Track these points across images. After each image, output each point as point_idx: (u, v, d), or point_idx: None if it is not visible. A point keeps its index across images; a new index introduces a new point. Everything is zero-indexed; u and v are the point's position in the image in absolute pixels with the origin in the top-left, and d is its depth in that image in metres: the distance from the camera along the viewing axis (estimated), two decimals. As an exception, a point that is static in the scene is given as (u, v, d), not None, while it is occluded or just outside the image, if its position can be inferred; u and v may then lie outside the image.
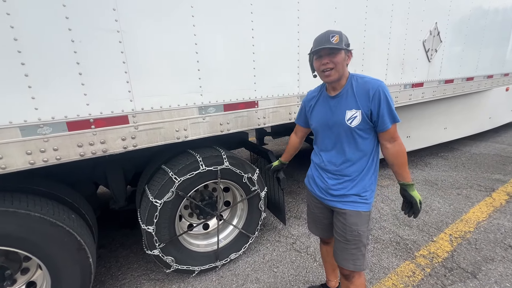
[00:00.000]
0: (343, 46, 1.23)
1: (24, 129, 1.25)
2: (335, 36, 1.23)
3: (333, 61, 1.26)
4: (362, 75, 1.34)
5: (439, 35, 3.27)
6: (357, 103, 1.28)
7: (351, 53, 1.30)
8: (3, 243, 1.36)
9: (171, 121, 1.65)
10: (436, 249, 2.32)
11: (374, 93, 1.25)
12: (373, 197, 1.41)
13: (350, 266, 1.41)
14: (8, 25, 1.14)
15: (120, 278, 2.11)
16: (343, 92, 1.32)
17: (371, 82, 1.28)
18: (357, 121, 1.29)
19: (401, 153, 1.31)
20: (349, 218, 1.37)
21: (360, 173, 1.35)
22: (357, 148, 1.33)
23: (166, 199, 1.77)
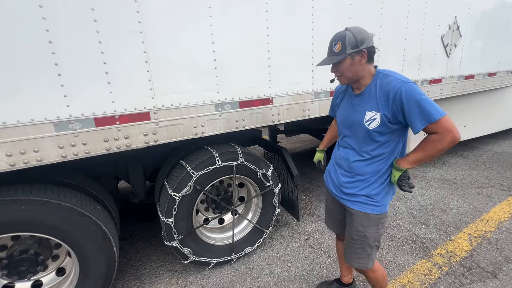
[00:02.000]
0: (347, 53, 1.19)
1: (57, 125, 1.35)
2: (337, 44, 1.22)
3: (338, 70, 1.27)
4: (388, 73, 1.24)
5: (458, 29, 3.17)
6: (378, 105, 1.22)
7: (363, 52, 1.21)
8: (38, 230, 1.47)
9: (189, 118, 1.72)
10: (454, 248, 2.27)
11: (394, 96, 1.16)
12: (388, 200, 1.35)
13: (354, 263, 1.44)
14: (44, 28, 1.24)
15: (140, 269, 2.22)
16: (366, 91, 1.28)
17: (393, 83, 1.18)
18: (375, 123, 1.23)
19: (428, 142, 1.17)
20: (356, 219, 1.36)
21: (374, 175, 1.31)
22: (374, 150, 1.28)
23: (184, 192, 1.85)
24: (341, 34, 1.22)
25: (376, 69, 1.29)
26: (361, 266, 1.43)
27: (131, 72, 1.48)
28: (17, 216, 1.40)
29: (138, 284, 2.05)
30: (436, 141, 1.15)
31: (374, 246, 1.39)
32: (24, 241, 1.62)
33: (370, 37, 1.23)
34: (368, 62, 1.25)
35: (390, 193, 1.37)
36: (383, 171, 1.31)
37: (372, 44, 1.24)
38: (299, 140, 5.75)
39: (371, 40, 1.23)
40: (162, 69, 1.57)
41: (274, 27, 1.90)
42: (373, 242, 1.38)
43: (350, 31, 1.21)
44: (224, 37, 1.73)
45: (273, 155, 2.62)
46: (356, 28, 1.23)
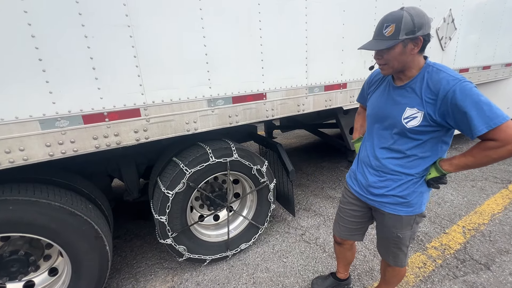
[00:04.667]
0: (399, 38, 1.01)
1: (43, 122, 1.31)
2: (389, 27, 1.02)
3: (384, 57, 1.09)
4: (440, 68, 1.08)
5: (453, 22, 3.15)
6: (422, 102, 1.07)
7: (419, 40, 1.03)
8: (27, 230, 1.44)
9: (181, 114, 1.69)
10: (448, 241, 2.29)
11: (445, 95, 1.01)
12: (423, 200, 1.23)
13: (390, 261, 1.41)
14: (26, 22, 1.19)
15: (135, 267, 2.20)
16: (410, 84, 1.12)
17: (445, 80, 1.02)
18: (415, 122, 1.09)
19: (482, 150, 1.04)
20: (388, 221, 1.28)
21: (406, 174, 1.19)
22: (408, 149, 1.16)
23: (177, 190, 1.82)
24: (396, 15, 1.03)
25: (426, 60, 1.12)
26: (397, 265, 1.39)
27: (119, 67, 1.44)
28: (5, 217, 1.37)
29: (133, 282, 2.04)
30: (492, 149, 1.00)
31: (410, 244, 1.33)
32: (14, 241, 1.59)
33: (429, 23, 1.05)
34: (420, 52, 1.09)
35: (425, 192, 1.22)
36: (418, 171, 1.18)
37: (430, 31, 1.06)
38: (295, 135, 5.74)
39: (429, 27, 1.05)
40: (152, 64, 1.53)
41: (267, 20, 1.86)
42: (408, 242, 1.31)
43: (408, 12, 1.02)
44: (216, 31, 1.69)
45: (268, 151, 2.61)
46: (415, 9, 1.03)
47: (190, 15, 1.58)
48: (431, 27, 1.08)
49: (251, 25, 1.82)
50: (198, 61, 1.67)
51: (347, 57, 2.38)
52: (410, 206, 1.22)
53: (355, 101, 2.58)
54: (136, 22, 1.43)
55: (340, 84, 2.40)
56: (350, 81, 2.47)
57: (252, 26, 1.82)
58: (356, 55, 2.44)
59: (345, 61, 2.38)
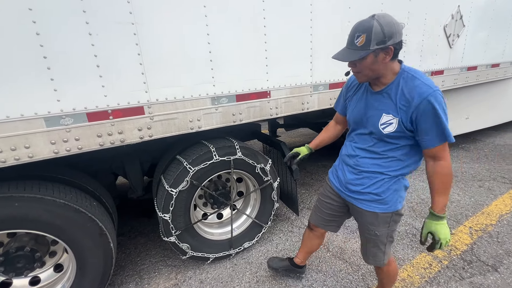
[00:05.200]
0: (370, 48, 1.01)
1: (48, 120, 1.31)
2: (360, 37, 1.02)
3: (357, 66, 1.10)
4: (415, 75, 1.09)
5: (461, 19, 3.09)
6: (397, 109, 1.09)
7: (390, 49, 1.03)
8: (33, 227, 1.45)
9: (185, 112, 1.68)
10: (455, 242, 2.26)
11: (419, 105, 1.03)
12: (398, 198, 1.25)
13: (370, 261, 1.44)
14: (31, 20, 1.20)
15: (139, 264, 2.21)
16: (386, 90, 1.14)
17: (419, 89, 1.04)
18: (391, 128, 1.12)
19: (441, 176, 1.11)
20: (365, 218, 1.32)
21: (384, 171, 1.22)
22: (385, 152, 1.20)
23: (181, 188, 1.82)
24: (367, 25, 1.02)
25: (401, 65, 1.13)
26: (377, 264, 1.41)
27: (123, 65, 1.44)
28: (11, 213, 1.38)
29: (137, 280, 2.05)
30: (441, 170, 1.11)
31: (388, 242, 1.34)
32: (20, 238, 1.61)
33: (400, 30, 1.05)
34: (393, 59, 1.09)
35: (400, 190, 1.25)
36: (393, 171, 1.21)
37: (401, 38, 1.05)
38: (299, 134, 5.71)
39: (400, 34, 1.05)
40: (156, 62, 1.52)
41: (271, 17, 1.84)
42: (386, 239, 1.33)
43: (378, 21, 1.01)
44: (220, 28, 1.67)
45: (272, 149, 2.59)
46: (385, 18, 1.03)
47: (194, 13, 1.57)
48: (402, 34, 1.07)
49: (256, 22, 1.80)
50: (202, 58, 1.66)
51: (353, 55, 2.34)
52: (385, 203, 1.25)
53: (360, 100, 2.54)
54: (140, 20, 1.43)
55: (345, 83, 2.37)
56: (355, 79, 2.44)
57: (256, 24, 1.80)
58: (362, 53, 2.41)
59: (351, 59, 2.34)
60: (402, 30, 1.06)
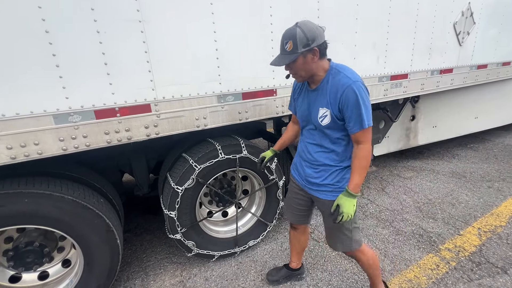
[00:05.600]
0: (299, 52, 1.16)
1: (57, 117, 1.33)
2: (288, 43, 1.19)
3: (292, 68, 1.26)
4: (340, 69, 1.25)
5: (472, 16, 3.03)
6: (328, 101, 1.25)
7: (315, 50, 1.19)
8: (41, 222, 1.48)
9: (191, 110, 1.68)
10: (463, 243, 2.22)
11: (342, 95, 1.20)
12: None
13: (339, 248, 1.51)
14: (40, 18, 1.21)
15: (145, 260, 2.23)
16: (320, 87, 1.30)
17: (342, 81, 1.21)
18: (327, 120, 1.28)
19: (360, 158, 1.26)
20: (326, 207, 1.41)
21: (335, 164, 1.36)
22: (331, 144, 1.34)
23: (187, 185, 1.83)
24: (291, 32, 1.18)
25: (330, 63, 1.29)
26: (346, 249, 1.49)
27: (130, 62, 1.45)
28: (21, 209, 1.40)
29: (143, 276, 2.07)
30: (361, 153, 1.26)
31: (353, 229, 1.44)
32: (29, 233, 1.63)
33: (322, 33, 1.21)
34: (321, 58, 1.24)
35: None
36: (341, 161, 1.36)
37: (324, 39, 1.22)
38: (304, 132, 5.68)
39: (322, 36, 1.21)
40: (163, 60, 1.53)
41: (278, 15, 1.83)
42: (350, 225, 1.42)
43: (300, 28, 1.17)
44: (226, 26, 1.67)
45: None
46: (307, 24, 1.19)
47: (200, 10, 1.57)
48: (324, 36, 1.22)
49: (262, 20, 1.79)
50: (208, 56, 1.66)
51: (360, 53, 2.32)
52: (342, 191, 1.35)
53: (367, 98, 2.52)
54: (147, 17, 1.43)
55: (352, 81, 2.34)
56: (363, 78, 2.38)
57: (263, 22, 1.79)
58: (369, 51, 2.38)
59: (358, 57, 2.32)
60: (323, 33, 1.22)
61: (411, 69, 2.72)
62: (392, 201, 2.91)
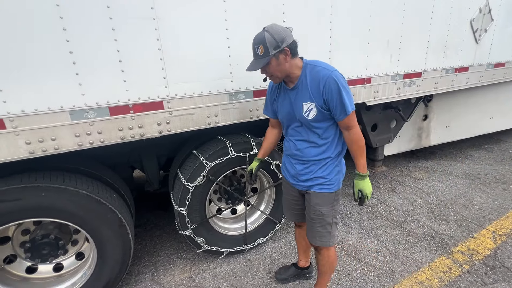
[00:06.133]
0: (270, 54, 1.21)
1: (73, 113, 1.36)
2: (259, 48, 1.23)
3: (267, 71, 1.30)
4: (315, 64, 1.30)
5: (490, 13, 2.93)
6: (311, 95, 1.29)
7: (286, 50, 1.23)
8: (57, 216, 1.52)
9: (203, 107, 1.69)
10: (477, 246, 2.17)
11: (324, 86, 1.24)
12: (339, 179, 1.45)
13: (317, 242, 1.52)
14: (58, 16, 1.23)
15: (155, 255, 2.27)
16: (299, 83, 1.33)
17: (321, 73, 1.25)
18: (313, 113, 1.30)
19: (356, 141, 1.33)
20: (313, 199, 1.45)
21: (324, 158, 1.40)
22: (319, 137, 1.37)
23: (197, 182, 1.85)
24: (260, 37, 1.23)
25: (303, 60, 1.34)
26: (323, 244, 1.51)
27: (144, 60, 1.46)
28: (38, 202, 1.44)
29: (153, 270, 2.10)
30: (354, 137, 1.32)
31: (333, 223, 1.48)
32: (45, 226, 1.68)
33: (289, 33, 1.26)
34: (293, 57, 1.28)
35: (340, 173, 1.46)
36: (332, 153, 1.40)
37: (292, 39, 1.26)
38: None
39: (290, 36, 1.25)
40: (175, 57, 1.53)
41: (291, 12, 1.81)
42: (331, 219, 1.46)
43: (268, 32, 1.22)
44: (239, 24, 1.66)
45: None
46: (273, 27, 1.24)
47: (213, 8, 1.57)
48: (292, 36, 1.26)
49: (275, 17, 1.77)
50: (221, 54, 1.66)
51: (373, 51, 2.28)
52: (330, 184, 1.42)
53: (379, 97, 2.48)
54: (161, 15, 1.44)
55: (364, 79, 2.31)
56: (375, 76, 2.37)
57: (275, 19, 1.77)
58: (382, 49, 2.34)
59: (370, 55, 2.28)
60: (291, 33, 1.27)
61: (425, 67, 2.66)
62: (403, 202, 2.87)
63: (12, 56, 1.20)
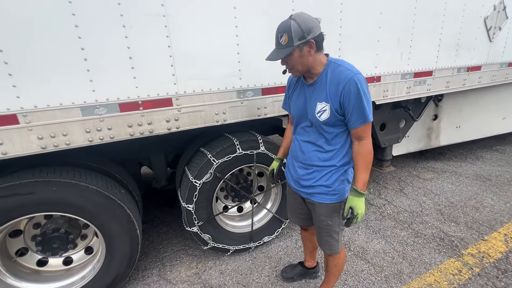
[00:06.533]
0: (294, 45, 1.12)
1: (84, 109, 1.37)
2: (283, 37, 1.14)
3: (288, 63, 1.21)
4: (340, 63, 1.22)
5: (505, 10, 2.85)
6: (327, 95, 1.20)
7: (311, 42, 1.14)
8: (67, 210, 1.54)
9: (211, 105, 1.69)
10: (488, 249, 2.12)
11: (344, 86, 1.15)
12: (345, 188, 1.35)
13: (326, 250, 1.50)
14: (70, 12, 1.24)
15: (162, 251, 2.29)
16: (318, 80, 1.24)
17: (344, 73, 1.16)
18: (325, 115, 1.22)
19: (363, 154, 1.22)
20: (317, 209, 1.38)
21: (328, 165, 1.31)
22: (327, 142, 1.29)
23: (205, 180, 1.85)
24: (286, 25, 1.14)
25: (328, 57, 1.25)
26: (333, 252, 1.48)
27: (154, 57, 1.47)
28: (49, 196, 1.47)
29: (160, 266, 2.12)
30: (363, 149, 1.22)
31: (340, 231, 1.43)
32: (55, 220, 1.71)
33: (317, 24, 1.17)
34: (318, 51, 1.20)
35: (345, 181, 1.35)
36: (338, 161, 1.31)
37: (320, 31, 1.17)
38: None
39: (318, 28, 1.16)
40: (185, 54, 1.54)
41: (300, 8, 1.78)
42: (338, 228, 1.41)
43: (295, 20, 1.13)
44: (248, 20, 1.65)
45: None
46: (301, 16, 1.15)
47: (223, 6, 1.56)
48: (320, 28, 1.17)
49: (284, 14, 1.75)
50: (230, 51, 1.66)
51: (383, 49, 2.24)
52: (335, 194, 1.33)
53: (388, 96, 2.44)
54: (171, 12, 1.44)
55: (374, 77, 2.28)
56: (385, 74, 2.34)
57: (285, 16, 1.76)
58: (393, 47, 2.30)
59: (380, 53, 2.24)
60: (319, 24, 1.17)
61: (436, 66, 2.61)
62: (411, 203, 2.82)
63: (25, 53, 1.21)
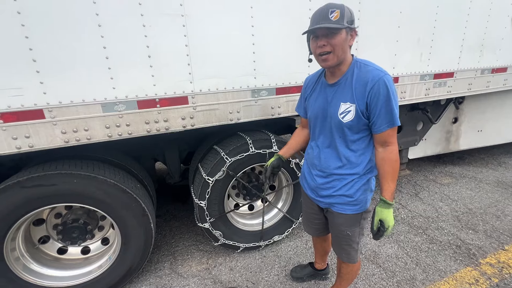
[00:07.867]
0: (345, 24, 1.04)
1: (105, 106, 1.43)
2: (335, 12, 1.04)
3: (331, 43, 1.08)
4: (367, 62, 1.16)
5: (535, 8, 2.69)
6: (353, 95, 1.13)
7: (355, 32, 1.10)
8: (87, 202, 1.61)
9: (226, 103, 1.71)
10: (508, 259, 2.03)
11: (373, 86, 1.08)
12: (367, 197, 1.28)
13: (343, 258, 1.44)
14: (94, 12, 1.29)
15: (174, 246, 2.35)
16: (342, 80, 1.17)
17: (373, 73, 1.09)
18: (349, 116, 1.14)
19: (390, 161, 1.15)
20: (338, 220, 1.33)
21: (350, 173, 1.23)
22: (348, 147, 1.21)
23: (217, 177, 1.88)
24: (338, 4, 1.07)
25: (353, 57, 1.19)
26: (350, 261, 1.43)
27: (171, 55, 1.50)
28: (70, 188, 1.54)
29: (172, 260, 2.18)
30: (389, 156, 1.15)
31: (360, 240, 1.38)
32: (75, 211, 1.79)
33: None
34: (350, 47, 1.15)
35: (368, 190, 1.29)
36: (360, 169, 1.23)
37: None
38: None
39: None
40: (201, 53, 1.56)
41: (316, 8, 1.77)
42: (358, 238, 1.35)
43: (346, 5, 1.09)
44: (264, 21, 1.66)
45: (306, 145, 2.54)
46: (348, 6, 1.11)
47: (239, 5, 1.57)
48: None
49: (300, 15, 1.75)
50: (245, 51, 1.67)
51: (402, 49, 2.18)
52: (357, 204, 1.26)
53: (406, 97, 2.38)
54: (189, 12, 1.47)
55: (391, 78, 2.22)
56: (403, 75, 2.27)
57: (300, 16, 1.75)
58: (412, 47, 2.23)
59: (399, 53, 2.19)
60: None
61: (458, 67, 2.51)
62: (427, 208, 2.74)
63: (51, 51, 1.27)
